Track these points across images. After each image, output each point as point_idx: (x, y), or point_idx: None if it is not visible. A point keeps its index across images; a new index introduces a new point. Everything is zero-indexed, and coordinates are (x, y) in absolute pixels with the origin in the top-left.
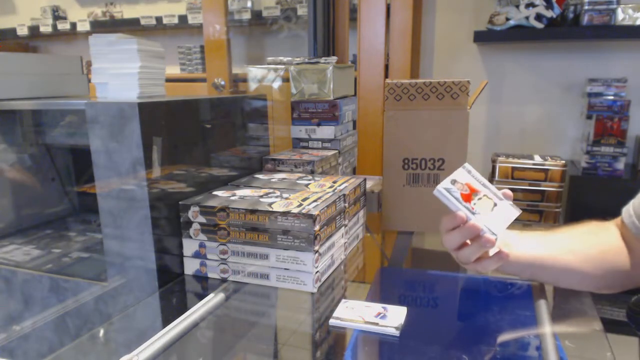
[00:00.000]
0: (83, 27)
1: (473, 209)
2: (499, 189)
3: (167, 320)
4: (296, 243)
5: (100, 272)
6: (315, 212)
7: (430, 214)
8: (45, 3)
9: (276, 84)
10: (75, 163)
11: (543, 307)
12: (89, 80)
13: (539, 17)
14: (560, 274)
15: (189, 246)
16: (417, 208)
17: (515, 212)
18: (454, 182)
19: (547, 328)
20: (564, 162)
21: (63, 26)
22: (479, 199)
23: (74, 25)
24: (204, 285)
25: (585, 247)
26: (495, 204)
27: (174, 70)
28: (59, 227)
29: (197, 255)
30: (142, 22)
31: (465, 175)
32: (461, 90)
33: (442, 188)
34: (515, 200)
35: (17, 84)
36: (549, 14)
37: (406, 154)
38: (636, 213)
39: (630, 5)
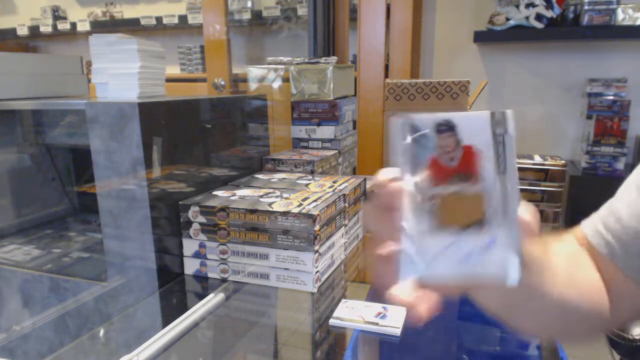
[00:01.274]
0: (83, 27)
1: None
2: None
3: (167, 320)
4: (296, 243)
5: (100, 272)
6: (315, 212)
7: None
8: (45, 3)
9: (276, 84)
10: (75, 163)
11: None
12: (89, 80)
13: (539, 17)
14: (525, 315)
15: (189, 246)
16: None
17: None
18: (444, 127)
19: None
20: (564, 162)
21: (63, 26)
22: (458, 198)
23: (74, 25)
24: (204, 285)
25: (566, 283)
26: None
27: (174, 70)
28: (59, 227)
29: (197, 255)
30: (142, 22)
31: (484, 131)
32: (461, 90)
33: (408, 125)
34: None
35: (17, 84)
36: (549, 14)
37: None
38: (617, 238)
39: (630, 5)
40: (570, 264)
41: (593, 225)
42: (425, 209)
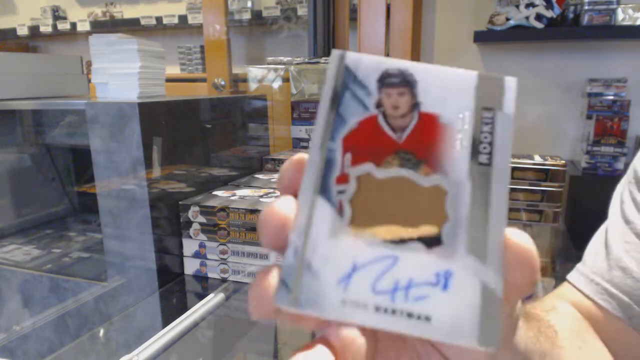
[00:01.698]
0: (83, 27)
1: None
2: None
3: (167, 320)
4: None
5: (100, 272)
6: None
7: None
8: (45, 3)
9: (276, 84)
10: (75, 163)
11: None
12: (89, 80)
13: (539, 17)
14: None
15: (189, 246)
16: None
17: None
18: (394, 79)
19: None
20: (564, 162)
21: (63, 26)
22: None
23: (74, 25)
24: (204, 285)
25: None
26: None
27: (174, 70)
28: (59, 227)
29: (197, 255)
30: (142, 22)
31: (463, 99)
32: None
33: (343, 65)
34: (515, 200)
35: (17, 84)
36: (549, 14)
37: None
38: (630, 294)
39: (630, 5)
40: (581, 355)
41: (592, 282)
42: (334, 196)
